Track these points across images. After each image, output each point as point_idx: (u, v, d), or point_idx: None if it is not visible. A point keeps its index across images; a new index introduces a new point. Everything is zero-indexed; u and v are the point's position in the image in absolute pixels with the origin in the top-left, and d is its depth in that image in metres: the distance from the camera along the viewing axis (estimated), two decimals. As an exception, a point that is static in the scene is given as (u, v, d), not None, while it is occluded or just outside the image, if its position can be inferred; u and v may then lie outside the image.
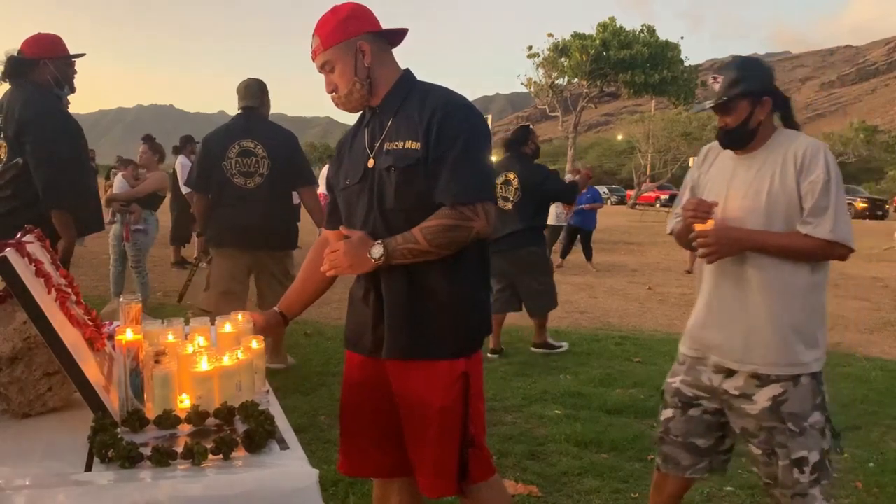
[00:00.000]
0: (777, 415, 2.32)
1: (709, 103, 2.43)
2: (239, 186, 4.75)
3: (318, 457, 3.69)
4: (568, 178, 12.14)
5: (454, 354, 2.13)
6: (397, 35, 2.23)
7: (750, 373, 2.35)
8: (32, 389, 1.76)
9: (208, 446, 1.50)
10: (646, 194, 43.26)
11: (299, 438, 3.91)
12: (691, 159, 41.10)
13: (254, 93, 4.92)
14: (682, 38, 30.17)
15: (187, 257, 11.40)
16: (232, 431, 1.61)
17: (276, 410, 1.81)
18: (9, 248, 1.68)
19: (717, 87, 2.39)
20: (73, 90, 3.98)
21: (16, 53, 3.77)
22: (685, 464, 2.55)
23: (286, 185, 4.93)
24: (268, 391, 1.98)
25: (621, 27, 29.93)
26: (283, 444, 1.58)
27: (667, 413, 2.59)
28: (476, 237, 2.08)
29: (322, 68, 2.16)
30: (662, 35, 30.25)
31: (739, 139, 2.38)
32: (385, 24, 2.20)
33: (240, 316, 2.15)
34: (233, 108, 5.12)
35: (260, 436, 1.55)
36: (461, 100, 2.15)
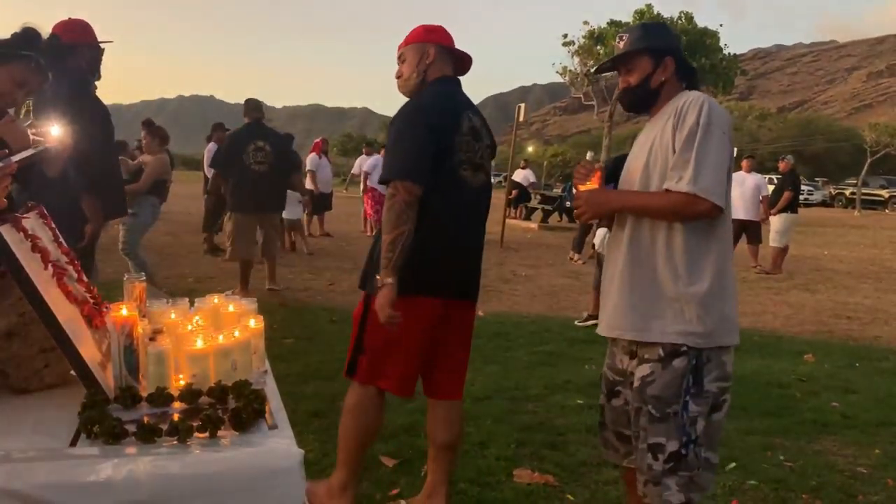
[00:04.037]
0: (642, 396, 2.20)
1: (612, 58, 2.35)
2: (253, 171, 7.06)
3: (335, 442, 3.65)
4: None
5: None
6: (461, 58, 2.84)
7: (635, 350, 2.24)
8: (29, 365, 1.76)
9: (195, 424, 1.48)
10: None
11: (317, 423, 3.92)
12: (731, 150, 40.36)
13: (261, 109, 7.47)
14: (720, 25, 29.63)
15: (220, 244, 11.52)
16: (223, 410, 1.59)
17: (270, 390, 1.79)
18: (4, 224, 1.67)
19: (620, 44, 2.30)
20: (99, 77, 4.03)
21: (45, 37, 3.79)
22: (622, 451, 2.42)
23: (283, 170, 7.35)
24: (266, 371, 1.96)
25: (658, 14, 29.47)
26: (272, 424, 1.55)
27: (601, 399, 2.49)
28: (405, 207, 2.54)
29: (398, 58, 2.83)
30: (702, 23, 29.74)
31: (640, 100, 2.30)
32: (422, 15, 2.32)
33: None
34: (271, 98, 8.94)
35: (248, 414, 1.52)
36: (407, 103, 2.73)
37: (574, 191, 2.33)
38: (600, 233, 7.04)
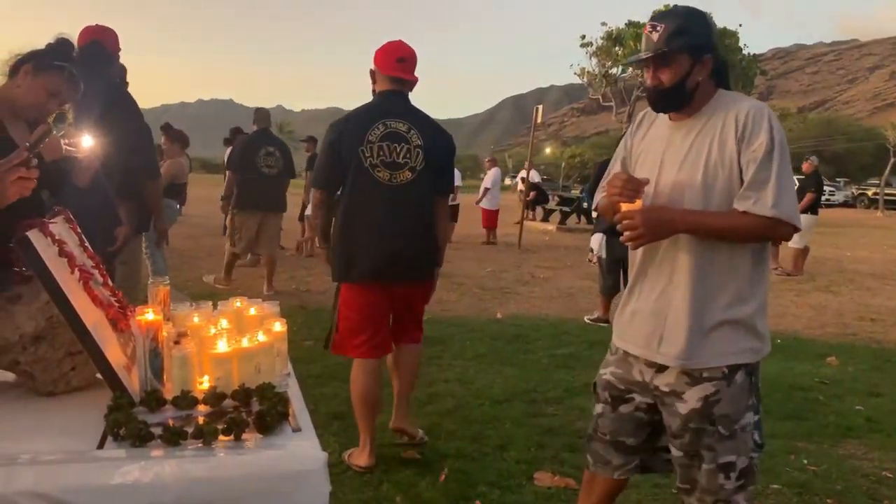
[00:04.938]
0: (708, 416, 2.07)
1: (645, 53, 2.04)
2: (263, 173, 7.71)
3: (356, 444, 3.68)
4: None
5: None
6: (392, 79, 3.33)
7: (680, 369, 2.09)
8: (56, 368, 1.78)
9: (220, 427, 1.49)
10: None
11: (338, 425, 3.92)
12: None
13: (268, 119, 8.20)
14: (740, 25, 29.44)
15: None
16: (247, 413, 1.60)
17: (294, 393, 1.80)
18: (32, 229, 1.69)
19: (654, 36, 2.02)
20: None
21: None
22: (615, 463, 2.32)
23: (287, 174, 8.16)
24: (288, 374, 1.97)
25: (677, 15, 29.34)
26: (296, 426, 1.56)
27: (597, 408, 2.35)
28: (315, 209, 3.47)
29: None
30: (720, 22, 29.55)
31: (674, 101, 2.07)
32: (438, 18, 2.36)
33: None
34: (290, 102, 10.08)
35: (272, 417, 1.54)
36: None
37: (615, 208, 2.06)
38: (597, 237, 6.96)
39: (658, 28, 2.03)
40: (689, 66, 2.03)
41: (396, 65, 3.31)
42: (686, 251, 2.06)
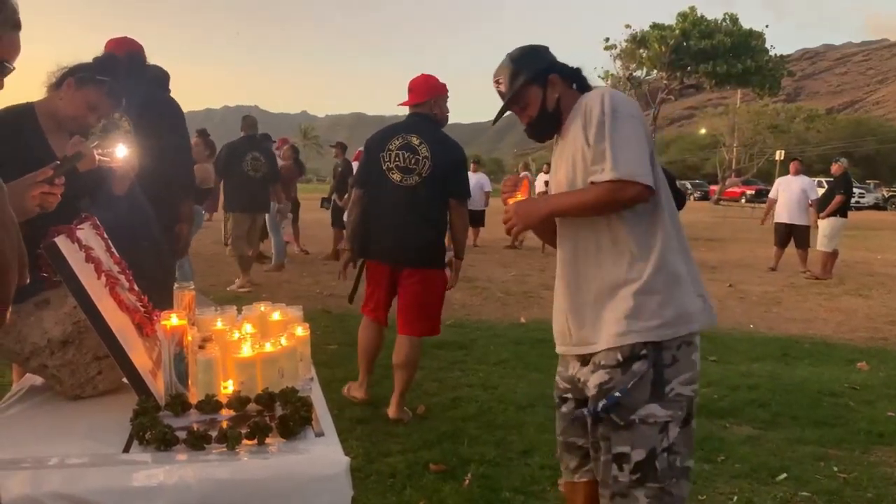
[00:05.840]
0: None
1: (503, 105, 2.26)
2: (250, 176, 8.38)
3: (379, 449, 3.69)
4: None
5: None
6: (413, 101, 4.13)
7: (593, 359, 2.11)
8: (83, 372, 1.80)
9: (243, 431, 1.50)
10: (730, 189, 41.99)
11: (361, 429, 3.92)
12: (778, 153, 39.60)
13: (256, 126, 8.87)
14: (766, 26, 29.13)
15: (265, 251, 11.66)
16: (271, 417, 1.61)
17: (317, 397, 1.81)
18: (59, 235, 1.72)
19: (501, 87, 2.24)
20: None
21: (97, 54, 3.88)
22: (571, 465, 2.29)
23: (271, 178, 8.80)
24: (312, 378, 1.98)
25: (702, 16, 29.08)
26: (319, 431, 1.56)
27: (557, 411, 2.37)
28: (352, 203, 4.26)
29: None
30: (746, 24, 29.28)
31: (548, 126, 2.24)
32: (459, 23, 2.54)
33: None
34: (314, 107, 9.17)
35: (295, 422, 1.54)
36: None
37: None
38: None
39: (500, 81, 2.25)
40: (541, 92, 2.20)
41: (408, 94, 4.15)
42: (560, 244, 2.21)
